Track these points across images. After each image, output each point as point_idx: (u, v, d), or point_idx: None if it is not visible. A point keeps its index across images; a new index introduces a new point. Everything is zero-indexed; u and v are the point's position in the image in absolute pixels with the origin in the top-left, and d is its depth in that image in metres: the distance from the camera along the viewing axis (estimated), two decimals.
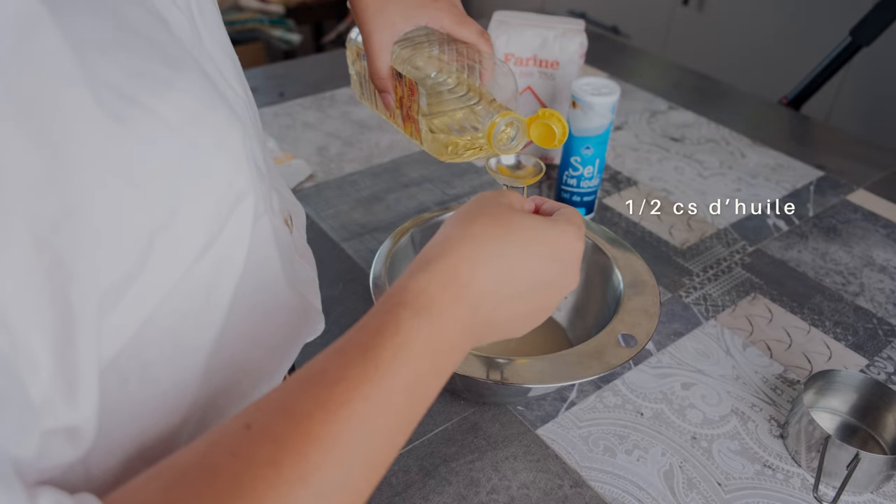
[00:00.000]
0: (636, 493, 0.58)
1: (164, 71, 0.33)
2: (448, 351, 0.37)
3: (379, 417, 0.33)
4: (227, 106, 0.37)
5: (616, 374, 0.69)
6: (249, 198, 0.37)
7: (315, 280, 0.54)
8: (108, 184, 0.29)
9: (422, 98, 0.58)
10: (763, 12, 1.95)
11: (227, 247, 0.37)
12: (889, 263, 0.86)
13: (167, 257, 0.32)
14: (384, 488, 0.57)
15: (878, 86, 1.77)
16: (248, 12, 2.41)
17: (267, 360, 0.45)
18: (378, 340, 0.34)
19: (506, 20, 0.95)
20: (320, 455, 0.30)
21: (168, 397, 0.37)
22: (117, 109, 0.29)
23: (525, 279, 0.41)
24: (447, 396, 0.66)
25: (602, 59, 1.34)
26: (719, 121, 1.16)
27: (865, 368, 0.71)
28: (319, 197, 0.93)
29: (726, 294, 0.80)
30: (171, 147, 0.32)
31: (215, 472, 0.29)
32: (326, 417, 0.31)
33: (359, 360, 0.33)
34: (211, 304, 0.37)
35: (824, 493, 0.59)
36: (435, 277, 0.37)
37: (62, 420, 0.29)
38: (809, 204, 0.97)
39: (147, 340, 0.34)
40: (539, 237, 0.41)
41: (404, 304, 0.36)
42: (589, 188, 0.88)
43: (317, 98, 1.16)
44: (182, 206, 0.32)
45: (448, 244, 0.39)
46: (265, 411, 0.32)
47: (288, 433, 0.30)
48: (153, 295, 0.33)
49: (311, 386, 0.32)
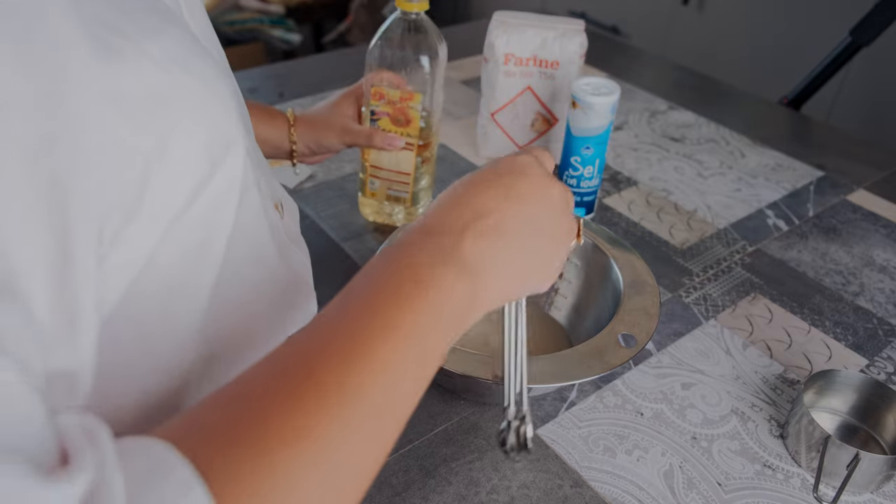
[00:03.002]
0: (636, 493, 0.58)
1: (152, 18, 0.34)
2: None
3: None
4: (217, 64, 0.38)
5: (616, 374, 0.69)
6: (240, 144, 0.38)
7: (308, 267, 0.55)
8: (98, 109, 0.30)
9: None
10: (763, 12, 1.95)
11: (220, 195, 0.37)
12: (889, 263, 0.86)
13: (163, 191, 0.33)
14: (384, 488, 0.57)
15: (878, 86, 1.77)
16: (248, 12, 2.41)
17: (259, 330, 0.45)
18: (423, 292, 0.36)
19: (506, 20, 0.95)
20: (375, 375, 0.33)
21: (164, 358, 0.38)
22: (107, 41, 0.31)
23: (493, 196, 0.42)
24: (447, 396, 0.66)
25: (602, 59, 1.34)
26: (719, 121, 1.16)
27: (865, 368, 0.71)
28: (319, 197, 0.93)
29: (726, 294, 0.80)
30: (161, 82, 0.33)
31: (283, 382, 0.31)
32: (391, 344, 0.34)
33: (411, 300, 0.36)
34: (203, 259, 0.38)
35: (824, 493, 0.59)
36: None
37: (61, 361, 0.29)
38: (809, 204, 0.97)
39: (141, 294, 0.34)
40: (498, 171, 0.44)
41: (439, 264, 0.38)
42: (589, 188, 0.88)
43: (317, 98, 1.16)
44: (173, 138, 0.33)
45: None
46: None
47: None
48: (151, 233, 0.33)
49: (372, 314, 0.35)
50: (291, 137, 0.75)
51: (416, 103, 0.76)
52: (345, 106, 0.77)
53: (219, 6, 2.35)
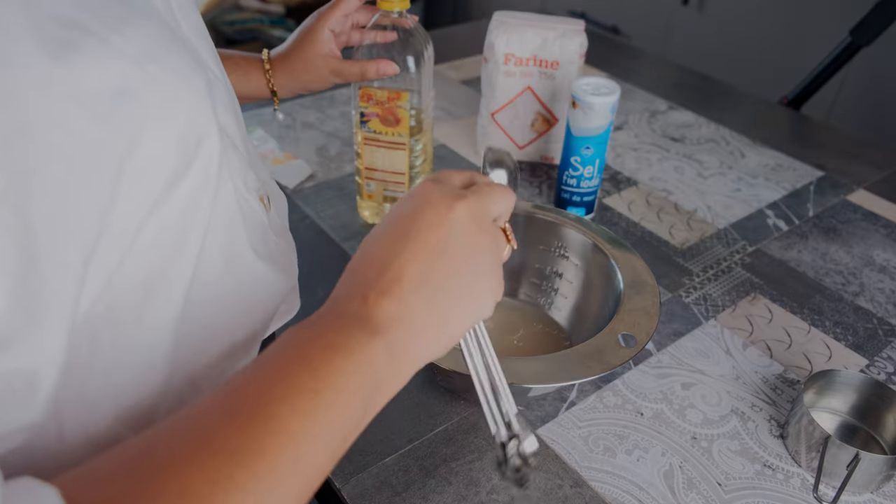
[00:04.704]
0: (636, 493, 0.58)
1: (121, 12, 0.34)
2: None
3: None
4: (192, 57, 0.38)
5: (616, 374, 0.69)
6: (213, 138, 0.38)
7: (294, 261, 0.54)
8: (57, 107, 0.29)
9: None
10: (763, 12, 1.95)
11: (195, 190, 0.37)
12: (889, 263, 0.86)
13: (136, 186, 0.33)
14: (384, 488, 0.57)
15: (878, 86, 1.77)
16: (248, 12, 2.41)
17: (237, 329, 0.45)
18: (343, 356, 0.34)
19: (506, 20, 0.95)
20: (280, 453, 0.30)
21: (140, 357, 0.37)
22: (63, 38, 0.30)
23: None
24: (447, 396, 0.66)
25: (602, 59, 1.34)
26: (719, 121, 1.16)
27: (865, 368, 0.71)
28: (319, 197, 0.93)
29: (726, 294, 0.80)
30: (129, 76, 0.32)
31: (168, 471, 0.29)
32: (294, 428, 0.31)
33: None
34: (179, 254, 0.37)
35: (824, 493, 0.59)
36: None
37: (19, 359, 0.29)
38: (809, 204, 0.97)
39: (118, 291, 0.34)
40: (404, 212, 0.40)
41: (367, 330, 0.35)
42: (589, 188, 0.88)
43: (317, 98, 1.16)
44: (144, 133, 0.33)
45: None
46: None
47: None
48: (126, 229, 0.33)
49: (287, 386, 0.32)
50: (271, 86, 0.74)
51: (404, 102, 0.76)
52: (321, 41, 0.74)
53: (219, 6, 2.35)
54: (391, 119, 0.77)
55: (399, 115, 0.77)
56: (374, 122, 0.78)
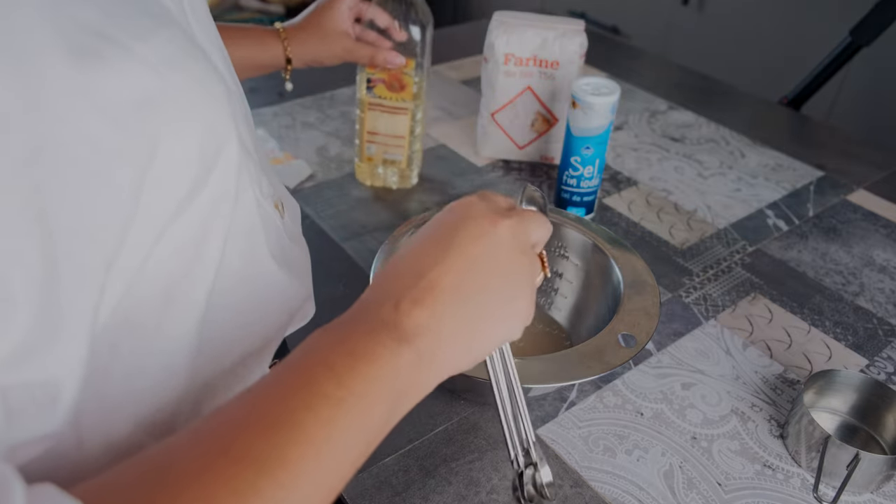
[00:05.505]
0: (636, 493, 0.58)
1: (145, 20, 0.34)
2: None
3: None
4: (211, 65, 0.38)
5: (616, 374, 0.69)
6: (233, 145, 0.38)
7: (308, 267, 0.55)
8: (82, 117, 0.29)
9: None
10: (763, 12, 1.95)
11: (216, 198, 0.37)
12: (889, 263, 0.86)
13: (158, 194, 0.33)
14: (384, 488, 0.57)
15: (878, 86, 1.77)
16: (248, 12, 2.41)
17: (255, 335, 0.45)
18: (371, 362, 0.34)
19: (506, 20, 0.95)
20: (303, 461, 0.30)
21: (161, 363, 0.37)
22: (89, 46, 0.30)
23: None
24: (447, 396, 0.66)
25: (602, 59, 1.34)
26: (719, 121, 1.16)
27: (865, 368, 0.71)
28: (319, 197, 0.93)
29: (726, 294, 0.80)
30: (150, 85, 0.32)
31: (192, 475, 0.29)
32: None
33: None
34: (200, 262, 0.37)
35: (824, 493, 0.59)
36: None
37: (42, 370, 0.28)
38: (809, 204, 0.97)
39: (138, 298, 0.34)
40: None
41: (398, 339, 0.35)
42: (589, 188, 0.88)
43: (317, 98, 1.16)
44: (166, 141, 0.33)
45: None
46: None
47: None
48: (148, 237, 0.33)
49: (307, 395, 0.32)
50: (287, 53, 0.79)
51: (409, 69, 0.82)
52: (340, 18, 0.80)
53: (219, 6, 2.35)
54: (396, 85, 0.83)
55: (404, 81, 0.83)
56: (380, 88, 0.84)
